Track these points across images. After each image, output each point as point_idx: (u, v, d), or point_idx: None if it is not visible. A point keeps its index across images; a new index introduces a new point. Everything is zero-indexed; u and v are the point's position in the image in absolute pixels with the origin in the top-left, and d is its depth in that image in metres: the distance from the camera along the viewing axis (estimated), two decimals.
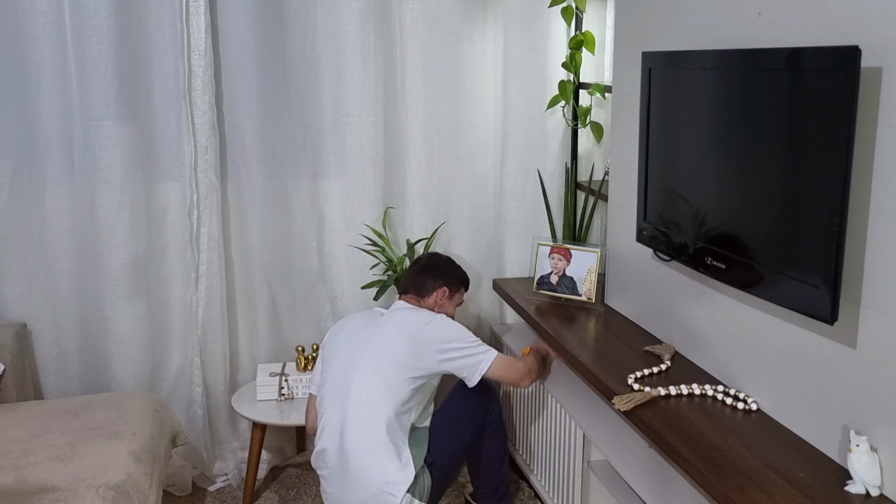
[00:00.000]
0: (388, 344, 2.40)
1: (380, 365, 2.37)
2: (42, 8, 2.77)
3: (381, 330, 2.44)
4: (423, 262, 2.67)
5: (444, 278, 2.63)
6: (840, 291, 1.63)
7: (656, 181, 2.33)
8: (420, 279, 2.61)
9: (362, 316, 2.57)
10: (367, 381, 2.36)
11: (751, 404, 2.01)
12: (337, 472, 2.37)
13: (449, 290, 2.63)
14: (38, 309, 2.97)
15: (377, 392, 2.34)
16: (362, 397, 2.34)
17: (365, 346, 2.42)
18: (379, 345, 2.40)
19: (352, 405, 2.35)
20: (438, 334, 2.40)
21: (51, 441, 2.44)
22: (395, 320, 2.46)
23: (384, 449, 2.30)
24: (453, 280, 2.66)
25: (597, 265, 2.85)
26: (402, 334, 2.41)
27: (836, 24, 1.67)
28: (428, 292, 2.60)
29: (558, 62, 3.19)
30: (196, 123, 2.91)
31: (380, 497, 2.28)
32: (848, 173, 1.57)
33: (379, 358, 2.38)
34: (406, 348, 2.38)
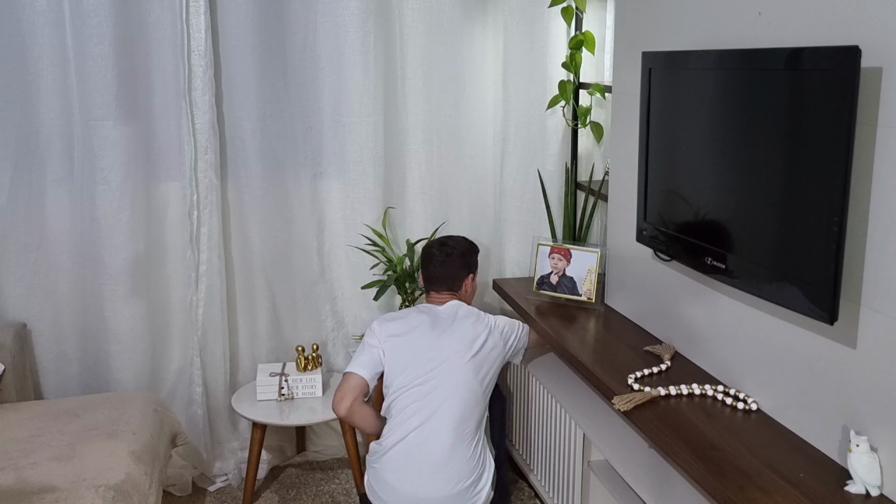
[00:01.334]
0: (481, 348, 2.46)
1: (478, 369, 2.43)
2: (42, 8, 2.77)
3: (463, 333, 2.47)
4: (441, 256, 2.64)
5: (467, 267, 2.67)
6: (840, 291, 1.63)
7: (656, 181, 2.33)
8: (447, 275, 2.63)
9: (424, 315, 2.52)
10: (467, 381, 2.39)
11: (751, 404, 2.01)
12: (424, 467, 2.33)
13: (473, 274, 2.70)
14: (38, 309, 2.97)
15: (475, 393, 2.40)
16: (463, 398, 2.37)
17: (457, 349, 2.43)
18: (471, 349, 2.44)
19: (453, 404, 2.36)
20: (507, 330, 2.58)
21: (51, 441, 2.44)
22: (469, 323, 2.51)
23: (477, 444, 2.38)
24: (472, 262, 2.71)
25: (597, 265, 2.85)
26: (488, 339, 2.50)
27: (836, 24, 1.67)
28: (459, 285, 2.65)
29: (558, 62, 3.19)
30: (196, 123, 2.91)
31: (471, 490, 2.34)
32: (848, 173, 1.57)
33: (476, 362, 2.43)
34: (496, 351, 2.51)
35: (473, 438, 2.38)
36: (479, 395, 2.42)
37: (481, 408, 2.43)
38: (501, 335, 2.55)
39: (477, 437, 2.40)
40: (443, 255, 2.64)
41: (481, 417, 2.43)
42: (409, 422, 2.36)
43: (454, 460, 2.33)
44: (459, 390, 2.38)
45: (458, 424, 2.35)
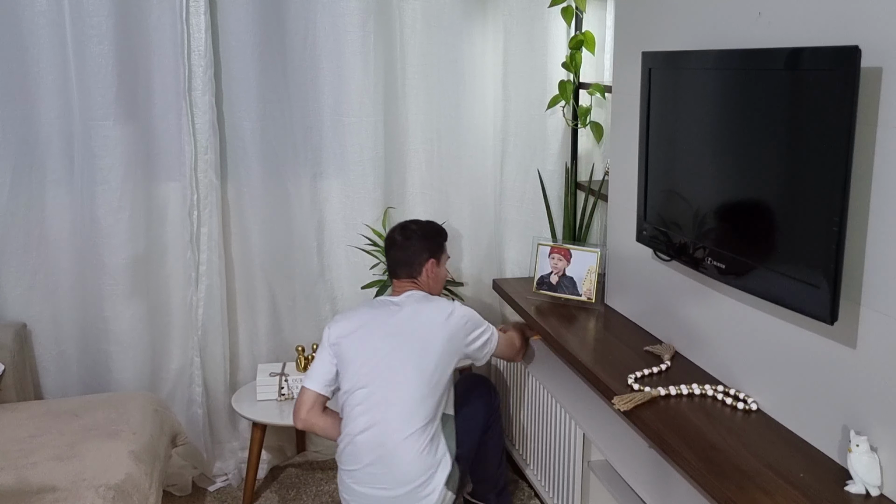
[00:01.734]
0: (424, 340, 2.35)
1: (420, 362, 2.32)
2: (42, 8, 2.77)
3: (409, 325, 2.37)
4: (398, 240, 2.53)
5: (428, 250, 2.52)
6: (840, 291, 1.63)
7: (656, 181, 2.33)
8: (405, 260, 2.50)
9: (373, 310, 2.44)
10: (409, 379, 2.31)
11: (751, 404, 2.01)
12: (373, 468, 2.31)
13: (435, 260, 2.54)
14: (38, 309, 2.97)
15: (419, 389, 2.30)
16: (405, 396, 2.30)
17: (399, 344, 2.34)
18: (414, 342, 2.34)
19: (395, 403, 2.30)
20: (463, 323, 2.41)
21: (51, 441, 2.44)
22: (419, 313, 2.39)
23: (427, 444, 2.29)
24: (434, 246, 2.55)
25: (597, 265, 2.85)
26: (435, 329, 2.36)
27: (836, 24, 1.67)
28: (418, 271, 2.50)
29: (558, 62, 3.19)
30: (196, 123, 2.91)
31: (420, 491, 2.28)
32: (848, 173, 1.57)
33: (418, 356, 2.32)
34: (441, 344, 2.35)
35: (421, 438, 2.28)
36: (426, 393, 2.31)
37: (429, 406, 2.31)
38: (462, 328, 2.40)
39: (426, 437, 2.29)
40: (402, 238, 2.51)
41: (431, 415, 2.32)
42: (356, 423, 2.33)
43: (400, 462, 2.27)
44: (403, 389, 2.30)
45: (402, 424, 2.27)
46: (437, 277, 2.57)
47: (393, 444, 2.27)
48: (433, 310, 2.41)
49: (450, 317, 2.39)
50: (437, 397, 2.34)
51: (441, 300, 2.45)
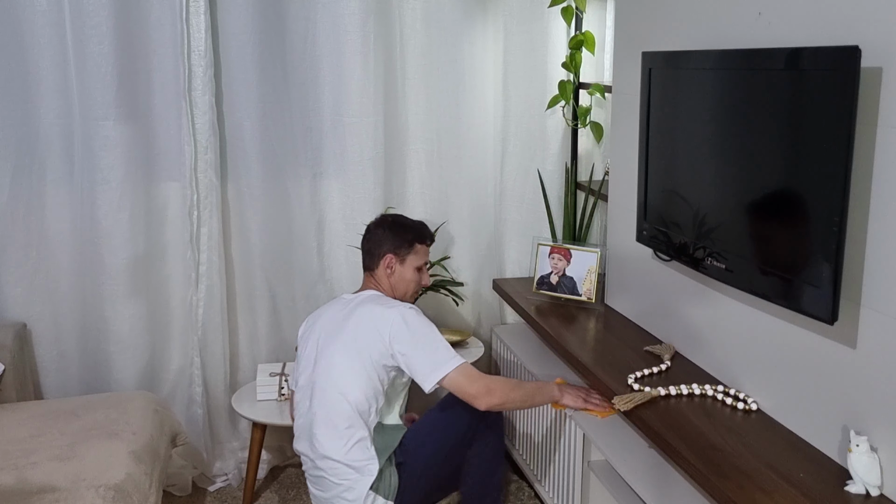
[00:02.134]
0: (351, 336, 2.25)
1: (343, 356, 2.24)
2: (42, 8, 2.77)
3: (346, 321, 2.29)
4: (369, 228, 2.46)
5: (388, 243, 2.39)
6: (840, 291, 1.63)
7: (656, 181, 2.33)
8: (366, 251, 2.43)
9: (331, 306, 2.40)
10: (329, 373, 2.25)
11: (751, 404, 2.01)
12: (310, 467, 2.33)
13: (394, 255, 2.39)
14: (38, 309, 2.97)
15: (339, 384, 2.23)
16: (326, 391, 2.24)
17: (332, 338, 2.29)
18: (343, 336, 2.26)
19: (317, 399, 2.26)
20: (394, 329, 2.20)
21: (51, 441, 2.44)
22: (358, 310, 2.29)
23: (347, 441, 2.21)
24: (399, 241, 2.40)
25: (597, 265, 2.85)
26: (363, 325, 2.24)
27: (836, 24, 1.67)
28: (375, 264, 2.39)
29: (558, 62, 3.19)
30: (196, 123, 2.91)
31: (346, 494, 2.23)
32: (848, 173, 1.57)
33: (342, 349, 2.25)
34: (365, 341, 2.23)
35: (346, 445, 2.21)
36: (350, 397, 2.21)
37: (351, 411, 2.21)
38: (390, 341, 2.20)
39: (351, 444, 2.21)
40: (372, 226, 2.44)
41: (356, 421, 2.21)
42: (296, 424, 2.36)
43: (324, 466, 2.25)
44: (328, 394, 2.23)
45: (325, 428, 2.23)
46: (400, 277, 2.41)
47: (316, 441, 2.26)
48: (373, 307, 2.27)
49: (381, 319, 2.23)
50: (361, 395, 2.22)
51: (393, 304, 2.28)
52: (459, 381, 2.19)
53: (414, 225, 2.47)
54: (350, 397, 2.22)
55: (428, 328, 2.24)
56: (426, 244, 2.48)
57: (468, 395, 2.20)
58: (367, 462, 2.22)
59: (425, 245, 2.48)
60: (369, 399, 2.25)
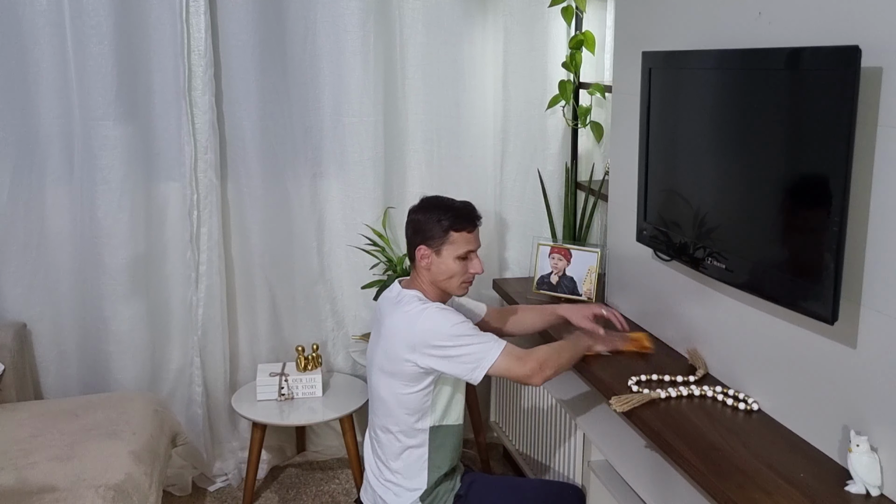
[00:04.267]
0: (389, 348, 2.12)
1: (382, 366, 2.16)
2: (42, 8, 2.77)
3: (382, 329, 2.17)
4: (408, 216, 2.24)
5: (420, 233, 2.14)
6: (840, 291, 1.63)
7: (656, 181, 2.32)
8: (407, 247, 2.22)
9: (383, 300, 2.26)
10: (376, 380, 2.19)
11: (751, 404, 2.00)
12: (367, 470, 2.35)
13: (427, 246, 2.13)
14: (38, 309, 2.97)
15: (383, 391, 2.15)
16: (374, 398, 2.21)
17: (374, 347, 2.22)
18: (381, 348, 2.16)
19: (371, 405, 2.27)
20: (423, 336, 2.05)
21: (51, 441, 2.44)
22: (388, 319, 2.16)
23: (396, 449, 2.17)
24: (431, 230, 2.13)
25: (597, 265, 2.85)
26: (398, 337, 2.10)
27: (836, 24, 1.67)
28: (412, 256, 2.17)
29: (558, 62, 3.19)
30: (196, 123, 2.91)
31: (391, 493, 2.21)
32: (848, 173, 1.57)
33: (381, 359, 2.16)
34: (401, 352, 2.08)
35: (386, 460, 2.19)
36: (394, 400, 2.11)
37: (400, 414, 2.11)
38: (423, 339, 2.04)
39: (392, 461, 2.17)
40: (408, 213, 2.22)
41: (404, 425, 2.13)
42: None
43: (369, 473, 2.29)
44: (375, 393, 2.19)
45: (373, 435, 2.27)
46: (439, 270, 2.13)
47: (368, 448, 2.32)
48: (402, 316, 2.11)
49: (413, 324, 2.07)
50: (405, 404, 2.12)
51: (416, 306, 2.10)
52: (507, 365, 2.04)
53: (451, 207, 2.15)
54: (395, 407, 2.12)
55: (449, 330, 2.05)
56: (466, 231, 2.15)
57: (521, 376, 2.05)
58: (417, 472, 2.17)
59: (465, 232, 2.15)
60: (417, 407, 2.12)
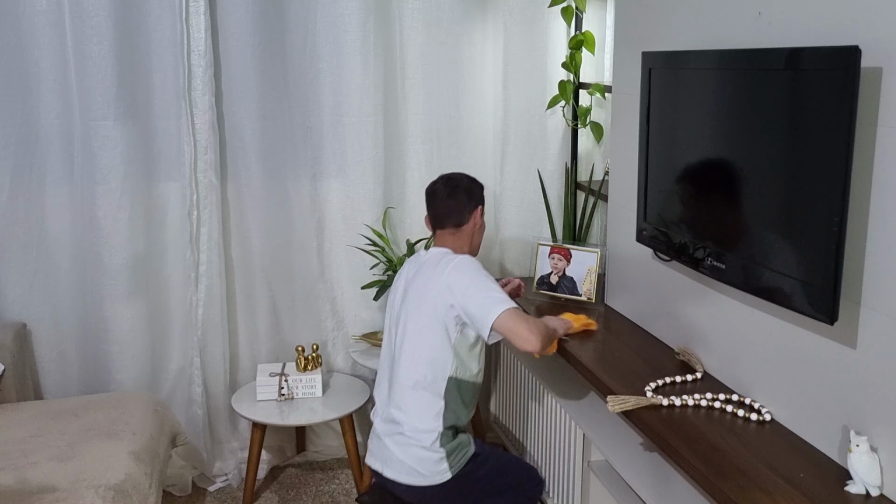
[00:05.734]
0: (422, 295, 2.33)
1: (417, 315, 2.33)
2: (42, 8, 2.77)
3: (415, 281, 2.38)
4: (446, 189, 2.47)
5: (476, 197, 2.49)
6: (840, 291, 1.63)
7: (656, 181, 2.33)
8: (454, 207, 2.44)
9: (410, 263, 2.49)
10: (407, 332, 2.34)
11: (751, 405, 2.00)
12: (383, 426, 2.37)
13: (481, 206, 2.51)
14: (38, 309, 2.97)
15: (416, 342, 2.32)
16: (404, 349, 2.34)
17: (405, 300, 2.39)
18: (415, 296, 2.35)
19: (398, 357, 2.36)
20: (458, 279, 2.29)
21: (51, 441, 2.44)
22: (424, 270, 2.38)
23: (420, 397, 2.30)
24: (481, 194, 2.52)
25: (597, 265, 2.85)
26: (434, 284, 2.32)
27: (836, 24, 1.67)
28: (466, 218, 2.45)
29: (558, 62, 3.19)
30: (196, 123, 2.91)
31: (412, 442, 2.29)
32: (848, 173, 1.57)
33: (416, 309, 2.34)
34: (433, 295, 2.31)
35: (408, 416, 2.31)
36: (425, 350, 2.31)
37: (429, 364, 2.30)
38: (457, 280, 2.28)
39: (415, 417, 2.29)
40: (447, 188, 2.47)
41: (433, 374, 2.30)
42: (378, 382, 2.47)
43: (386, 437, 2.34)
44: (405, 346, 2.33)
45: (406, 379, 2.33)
46: (480, 229, 2.55)
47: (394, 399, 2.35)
48: (441, 266, 2.35)
49: (452, 270, 2.31)
50: (435, 352, 2.30)
51: (455, 259, 2.36)
52: (516, 321, 2.20)
53: (474, 178, 2.54)
54: (425, 357, 2.30)
55: (482, 273, 2.32)
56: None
57: (525, 337, 2.19)
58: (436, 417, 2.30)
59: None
60: (444, 360, 2.31)
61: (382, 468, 2.34)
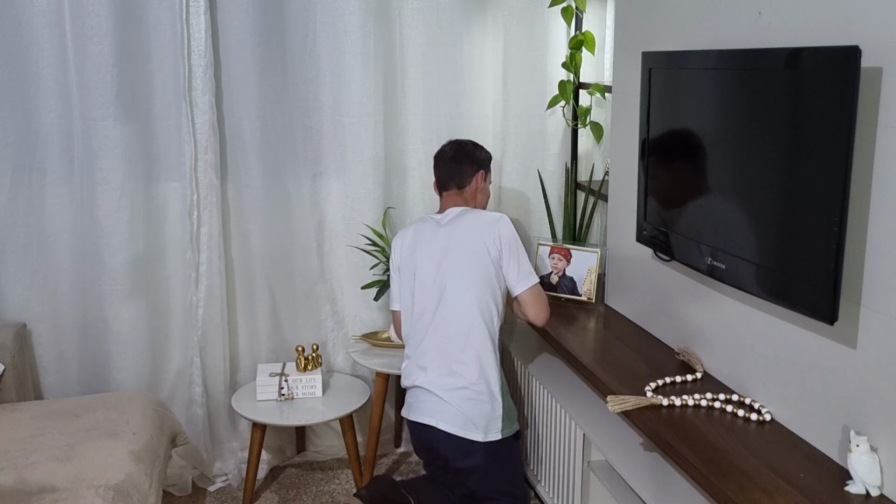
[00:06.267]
0: (468, 251, 2.47)
1: (464, 272, 2.46)
2: (42, 8, 2.77)
3: (454, 238, 2.50)
4: (451, 152, 2.68)
5: (479, 162, 2.67)
6: (840, 291, 1.63)
7: (656, 181, 2.33)
8: (456, 169, 2.64)
9: (423, 227, 2.60)
10: (459, 289, 2.46)
11: (751, 405, 2.00)
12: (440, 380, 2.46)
13: (484, 171, 2.68)
14: (38, 309, 2.97)
15: (471, 301, 2.45)
16: (458, 307, 2.46)
17: (445, 258, 2.49)
18: (458, 255, 2.47)
19: (449, 316, 2.46)
20: (509, 232, 2.50)
21: (51, 441, 2.44)
22: (463, 225, 2.52)
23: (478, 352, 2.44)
24: (486, 160, 2.69)
25: (597, 265, 2.85)
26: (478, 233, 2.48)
27: (836, 24, 1.67)
28: (467, 181, 2.63)
29: (558, 62, 3.19)
30: (196, 123, 2.91)
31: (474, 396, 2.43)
32: (848, 173, 1.57)
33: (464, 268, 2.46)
34: (482, 249, 2.47)
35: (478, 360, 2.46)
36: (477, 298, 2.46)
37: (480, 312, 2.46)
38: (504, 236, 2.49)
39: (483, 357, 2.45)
40: (452, 151, 2.66)
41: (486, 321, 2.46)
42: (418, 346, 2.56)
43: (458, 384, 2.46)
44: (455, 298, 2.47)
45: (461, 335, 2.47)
46: (483, 192, 2.69)
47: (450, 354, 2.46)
48: (478, 217, 2.52)
49: (497, 221, 2.50)
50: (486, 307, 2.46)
51: (489, 214, 2.53)
52: (539, 296, 2.54)
53: (480, 145, 2.74)
54: (476, 310, 2.46)
55: (519, 242, 2.53)
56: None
57: (539, 311, 2.54)
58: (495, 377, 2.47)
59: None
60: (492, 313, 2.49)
61: (436, 421, 2.45)
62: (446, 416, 2.43)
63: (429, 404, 2.47)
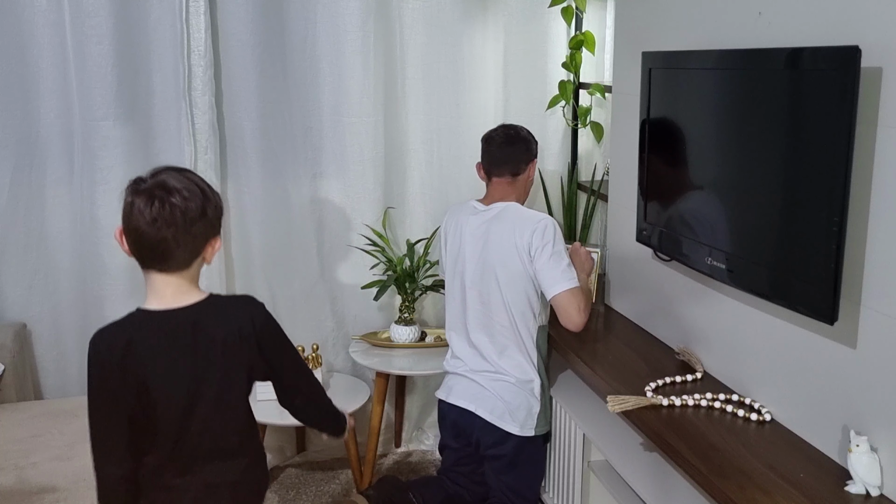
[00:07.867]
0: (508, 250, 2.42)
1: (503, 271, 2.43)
2: (42, 8, 2.77)
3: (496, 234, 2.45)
4: (505, 137, 2.56)
5: (533, 151, 2.58)
6: (840, 291, 1.63)
7: (656, 181, 2.33)
8: (511, 154, 2.52)
9: (469, 220, 2.53)
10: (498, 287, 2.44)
11: (751, 405, 2.00)
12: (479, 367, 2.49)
13: (536, 160, 2.62)
14: (38, 309, 2.97)
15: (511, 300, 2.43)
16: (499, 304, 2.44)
17: (486, 254, 2.45)
18: (499, 252, 2.43)
19: (490, 311, 2.46)
20: (548, 233, 2.40)
21: (51, 441, 2.44)
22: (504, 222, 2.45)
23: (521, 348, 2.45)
24: (535, 146, 2.61)
25: (597, 265, 2.85)
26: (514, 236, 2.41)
27: (836, 24, 1.67)
28: (523, 168, 2.54)
29: (558, 62, 3.19)
30: (196, 123, 2.91)
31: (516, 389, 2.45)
32: (848, 173, 1.57)
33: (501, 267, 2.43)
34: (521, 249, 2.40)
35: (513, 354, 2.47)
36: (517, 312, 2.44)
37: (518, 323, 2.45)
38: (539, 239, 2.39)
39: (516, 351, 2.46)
40: (507, 136, 2.55)
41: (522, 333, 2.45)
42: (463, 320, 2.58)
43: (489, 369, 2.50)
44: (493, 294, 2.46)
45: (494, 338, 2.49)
46: (531, 181, 2.64)
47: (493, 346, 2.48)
48: (520, 215, 2.44)
49: (537, 222, 2.40)
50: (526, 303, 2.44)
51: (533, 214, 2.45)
52: (578, 302, 2.38)
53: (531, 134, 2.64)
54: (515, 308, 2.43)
55: (561, 244, 2.42)
56: None
57: (575, 315, 2.38)
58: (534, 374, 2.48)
59: None
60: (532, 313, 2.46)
61: (475, 407, 2.45)
62: (486, 403, 2.44)
63: (469, 390, 2.49)
